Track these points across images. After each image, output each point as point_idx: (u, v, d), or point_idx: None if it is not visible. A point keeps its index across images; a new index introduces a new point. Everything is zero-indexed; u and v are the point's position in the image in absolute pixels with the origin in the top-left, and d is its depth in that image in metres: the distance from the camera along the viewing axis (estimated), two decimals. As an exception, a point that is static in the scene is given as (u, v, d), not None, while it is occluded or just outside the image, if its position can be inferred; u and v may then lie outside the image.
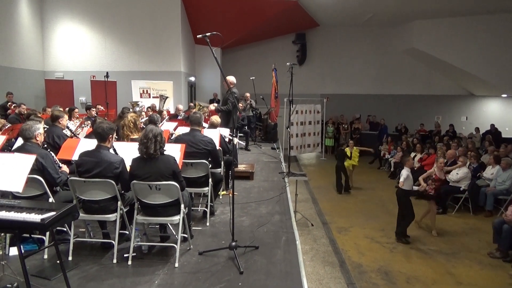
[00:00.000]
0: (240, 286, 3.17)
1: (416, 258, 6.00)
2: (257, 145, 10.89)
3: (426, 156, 10.60)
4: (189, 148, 4.45)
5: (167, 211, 3.58)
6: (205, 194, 4.79)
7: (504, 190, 7.82)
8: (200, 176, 4.54)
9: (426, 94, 17.38)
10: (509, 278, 5.39)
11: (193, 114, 4.96)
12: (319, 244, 6.51)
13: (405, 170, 6.58)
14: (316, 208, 8.61)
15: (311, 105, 13.23)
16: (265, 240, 4.14)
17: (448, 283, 5.22)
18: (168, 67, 13.25)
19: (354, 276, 5.38)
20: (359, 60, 17.40)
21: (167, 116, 8.84)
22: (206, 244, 4.00)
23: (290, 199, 5.81)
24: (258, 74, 13.66)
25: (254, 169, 7.20)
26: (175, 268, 3.45)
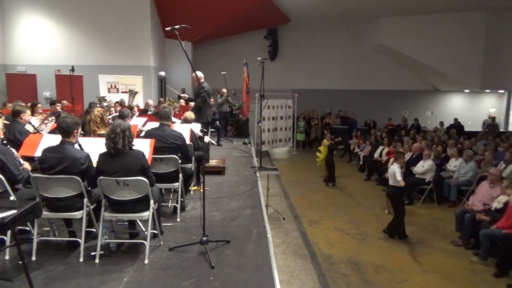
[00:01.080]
0: (211, 280, 3.16)
1: (383, 248, 6.18)
2: (229, 140, 10.86)
3: (394, 149, 10.89)
4: (158, 143, 4.39)
5: (136, 207, 3.51)
6: (176, 190, 4.74)
7: (466, 181, 8.17)
8: (170, 171, 4.49)
9: (394, 89, 17.86)
10: (471, 264, 5.65)
11: (162, 108, 4.89)
12: (291, 237, 6.59)
13: (396, 167, 6.35)
14: (287, 202, 8.70)
15: (282, 100, 13.31)
16: (236, 234, 4.15)
17: (414, 271, 5.41)
18: (137, 61, 12.96)
19: (325, 267, 5.49)
20: (329, 55, 17.64)
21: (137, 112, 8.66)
22: (177, 239, 3.96)
23: (261, 193, 5.83)
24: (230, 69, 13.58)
25: (225, 164, 7.18)
26: (144, 265, 3.40)
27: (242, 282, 3.13)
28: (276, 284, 3.12)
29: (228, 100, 11.47)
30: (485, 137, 12.11)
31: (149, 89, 13.06)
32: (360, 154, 12.49)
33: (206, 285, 3.08)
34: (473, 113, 18.06)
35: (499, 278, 5.19)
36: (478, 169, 8.31)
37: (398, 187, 6.30)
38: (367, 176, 11.10)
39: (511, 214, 5.49)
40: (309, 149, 16.75)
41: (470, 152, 8.56)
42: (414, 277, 5.24)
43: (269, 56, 17.05)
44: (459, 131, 14.27)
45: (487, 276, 5.28)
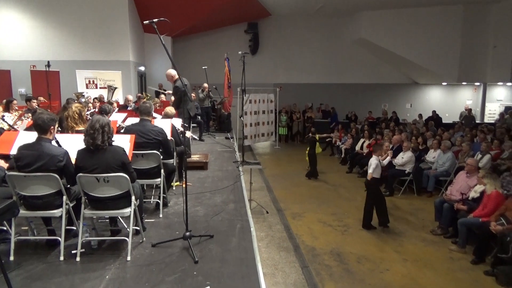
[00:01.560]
0: (195, 275, 3.16)
1: (365, 239, 6.29)
2: (211, 135, 10.82)
3: (374, 141, 11.06)
4: (139, 139, 4.33)
5: (117, 203, 3.47)
6: (158, 186, 4.70)
7: (444, 171, 8.38)
8: (152, 167, 4.45)
9: (374, 82, 18.10)
10: (449, 252, 5.81)
11: (143, 103, 4.82)
12: (274, 231, 6.63)
13: (374, 159, 6.55)
14: (271, 195, 8.74)
15: (264, 95, 13.31)
16: (220, 229, 4.15)
17: (395, 260, 5.53)
18: (116, 56, 12.71)
19: (308, 259, 5.55)
20: (311, 49, 17.72)
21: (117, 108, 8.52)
22: (160, 235, 3.94)
23: (244, 187, 5.84)
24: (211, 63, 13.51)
25: (208, 159, 7.15)
26: (127, 262, 3.36)
27: (226, 276, 3.14)
28: (260, 277, 3.14)
29: (210, 95, 11.41)
30: (462, 128, 12.43)
31: (128, 85, 12.85)
32: (342, 147, 12.63)
33: (190, 280, 3.08)
34: (451, 105, 18.50)
35: (476, 265, 5.35)
36: (456, 160, 8.53)
37: (375, 177, 6.51)
38: (349, 168, 11.25)
39: (487, 203, 5.66)
40: (292, 143, 16.86)
41: (448, 143, 8.78)
42: (395, 266, 5.35)
43: (250, 50, 17.01)
44: (437, 123, 14.58)
45: (465, 264, 5.44)
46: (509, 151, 8.44)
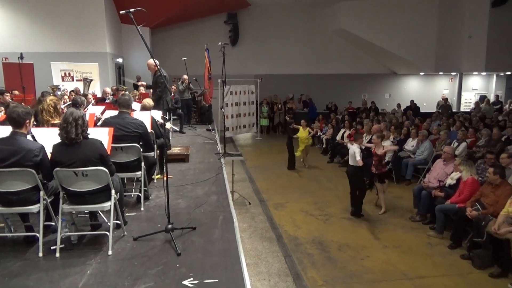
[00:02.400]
0: (178, 267, 3.15)
1: (347, 227, 6.41)
2: (192, 127, 10.74)
3: (354, 131, 11.20)
4: (118, 132, 4.26)
5: (97, 198, 3.41)
6: (138, 179, 4.65)
7: (422, 159, 8.58)
8: (132, 160, 4.39)
9: (354, 73, 18.29)
10: (427, 238, 5.98)
11: (122, 96, 4.74)
12: (257, 221, 6.67)
13: (356, 148, 6.54)
14: (253, 187, 8.77)
15: (245, 86, 13.29)
16: (202, 221, 4.15)
17: (375, 247, 5.66)
18: (92, 48, 12.41)
19: (291, 248, 5.62)
20: (291, 40, 17.72)
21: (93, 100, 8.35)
22: (141, 229, 3.90)
23: (226, 179, 5.84)
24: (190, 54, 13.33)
25: (189, 151, 7.11)
26: (108, 256, 3.33)
27: (209, 267, 3.15)
28: (243, 267, 3.16)
29: (190, 86, 11.30)
30: (439, 117, 12.71)
31: (106, 77, 12.59)
32: (323, 137, 12.75)
33: (172, 272, 3.07)
34: (428, 95, 18.88)
35: (453, 250, 5.53)
36: (433, 148, 8.74)
37: (357, 166, 6.55)
38: (330, 158, 11.38)
39: (463, 189, 5.83)
40: (273, 134, 16.92)
41: (425, 132, 8.99)
42: (375, 253, 5.48)
43: (230, 41, 16.88)
44: (415, 112, 14.87)
45: (442, 248, 5.61)
46: (485, 138, 8.69)
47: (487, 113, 14.15)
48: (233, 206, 4.70)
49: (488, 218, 5.10)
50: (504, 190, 5.24)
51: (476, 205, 5.39)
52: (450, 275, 4.89)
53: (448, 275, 4.90)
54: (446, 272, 4.97)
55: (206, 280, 2.95)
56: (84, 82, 10.24)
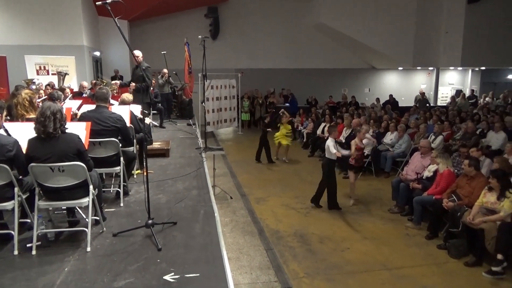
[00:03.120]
0: (159, 262, 3.13)
1: (327, 220, 6.48)
2: (172, 122, 10.64)
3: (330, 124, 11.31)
4: (96, 126, 4.17)
5: (74, 193, 3.34)
6: (118, 174, 4.58)
7: (400, 152, 8.75)
8: (110, 155, 4.31)
9: (334, 67, 18.44)
10: (405, 229, 6.11)
11: (99, 89, 4.63)
12: (238, 216, 6.67)
13: (330, 141, 6.67)
14: (234, 181, 8.76)
15: (226, 80, 13.20)
16: (183, 215, 4.12)
17: (355, 239, 5.75)
18: (68, 41, 12.08)
19: (272, 241, 5.65)
20: (272, 34, 17.70)
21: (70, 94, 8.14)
22: (121, 225, 3.85)
23: (207, 174, 5.81)
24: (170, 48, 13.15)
25: (169, 146, 7.04)
26: (87, 253, 3.27)
27: (191, 262, 3.13)
28: (224, 261, 3.16)
29: (170, 81, 11.16)
30: (417, 111, 12.97)
31: (83, 71, 12.29)
32: (304, 131, 12.82)
33: (153, 267, 3.04)
34: (406, 89, 19.25)
35: (430, 240, 5.67)
36: (412, 141, 8.92)
37: (331, 159, 6.69)
38: (311, 152, 11.47)
39: (439, 181, 5.98)
40: (255, 128, 16.90)
41: (402, 126, 9.16)
42: (355, 245, 5.57)
43: (210, 35, 16.74)
44: (394, 106, 15.13)
45: (420, 239, 5.75)
46: (462, 132, 8.92)
47: (463, 107, 14.54)
48: (215, 200, 4.69)
49: (464, 209, 5.25)
50: (478, 181, 5.40)
51: (452, 197, 5.54)
52: (427, 265, 5.01)
53: (425, 264, 5.02)
54: (423, 262, 5.10)
55: (187, 275, 2.94)
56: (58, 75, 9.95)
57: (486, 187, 5.13)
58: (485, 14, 14.43)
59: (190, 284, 2.82)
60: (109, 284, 2.81)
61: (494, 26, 14.45)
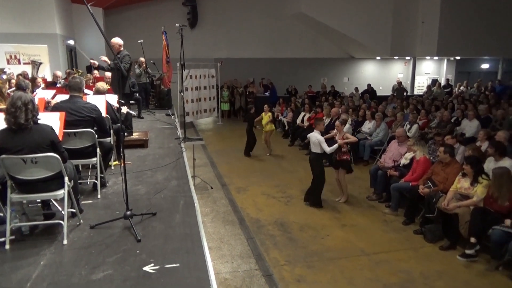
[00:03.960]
0: (138, 253, 3.09)
1: (307, 208, 6.56)
2: (151, 112, 10.47)
3: (314, 115, 11.40)
4: (70, 117, 4.05)
5: (49, 185, 3.25)
6: (94, 165, 4.48)
7: (378, 141, 8.89)
8: (86, 146, 4.21)
9: (313, 57, 18.48)
10: (383, 215, 6.26)
11: (72, 79, 4.49)
12: (219, 205, 6.67)
13: (318, 135, 6.31)
14: (215, 171, 8.74)
15: (205, 70, 13.02)
16: (162, 206, 4.08)
17: (334, 226, 5.84)
18: (40, 29, 11.64)
19: (253, 230, 5.68)
20: (251, 23, 17.55)
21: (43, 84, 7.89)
22: (99, 217, 3.77)
23: (187, 164, 5.76)
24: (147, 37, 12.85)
25: (148, 137, 6.94)
26: (63, 246, 3.20)
27: (171, 252, 3.11)
28: (205, 250, 3.14)
29: (147, 70, 10.95)
30: (394, 100, 13.19)
31: (56, 60, 11.90)
32: (284, 120, 12.86)
33: (132, 259, 3.01)
34: (384, 79, 19.51)
35: (407, 226, 5.82)
36: (389, 130, 9.07)
37: (319, 153, 6.40)
38: (291, 142, 11.53)
39: (415, 168, 6.12)
40: (235, 118, 16.86)
41: (380, 114, 9.31)
42: (335, 232, 5.66)
43: (188, 24, 16.47)
44: (372, 95, 15.32)
45: (397, 225, 5.89)
46: (438, 120, 9.13)
47: (439, 96, 14.87)
48: (195, 190, 4.66)
49: (439, 194, 5.40)
50: (453, 168, 5.56)
51: (428, 183, 5.68)
52: (404, 250, 5.15)
53: (402, 249, 5.16)
54: (400, 247, 5.24)
55: (167, 265, 2.91)
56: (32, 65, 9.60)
57: (460, 173, 5.29)
58: (460, 5, 14.71)
59: (170, 275, 2.81)
60: (87, 277, 2.77)
61: (468, 16, 14.75)
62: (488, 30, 14.85)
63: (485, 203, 4.91)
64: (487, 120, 8.97)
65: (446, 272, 4.59)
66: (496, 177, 4.78)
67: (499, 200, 4.72)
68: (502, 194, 4.70)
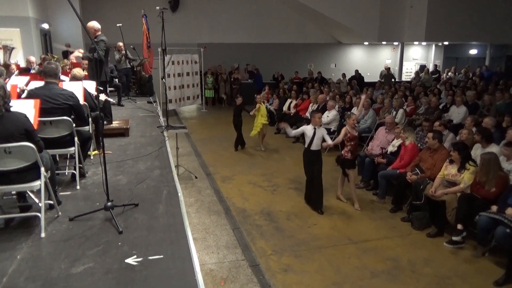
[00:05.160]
0: (120, 245, 3.07)
1: (294, 197, 6.60)
2: (132, 100, 10.32)
3: (301, 101, 11.43)
4: (46, 104, 3.96)
5: (24, 176, 3.19)
6: (72, 155, 4.41)
7: (366, 128, 8.96)
8: (64, 135, 4.14)
9: (300, 42, 18.42)
10: (371, 203, 6.34)
11: (47, 64, 4.38)
12: (204, 195, 6.66)
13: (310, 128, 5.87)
14: (199, 160, 8.70)
15: (187, 55, 12.85)
16: (145, 196, 4.06)
17: (321, 215, 5.89)
18: (11, 11, 11.26)
19: (239, 220, 5.69)
20: (235, 7, 17.35)
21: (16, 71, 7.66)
22: (78, 208, 3.73)
23: (170, 153, 5.73)
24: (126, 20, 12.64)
25: (129, 125, 6.85)
26: (41, 239, 3.16)
27: (154, 243, 3.10)
28: (189, 241, 3.15)
29: (128, 56, 10.76)
30: (382, 86, 13.29)
31: (30, 45, 11.56)
32: (270, 108, 12.83)
33: (114, 251, 2.99)
34: (372, 65, 19.62)
35: (394, 213, 5.92)
36: (377, 117, 9.15)
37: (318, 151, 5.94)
38: (277, 129, 11.53)
39: (403, 155, 6.21)
40: (219, 105, 16.77)
41: (368, 100, 9.35)
42: (322, 221, 5.72)
43: (170, 7, 16.18)
44: (359, 81, 15.40)
45: (385, 213, 5.99)
46: (425, 106, 9.24)
47: (426, 82, 15.05)
48: (178, 180, 4.65)
49: (426, 181, 5.49)
50: (440, 154, 5.65)
51: (416, 170, 5.77)
52: (391, 237, 5.24)
53: (389, 237, 5.25)
54: (388, 234, 5.33)
55: (151, 257, 2.91)
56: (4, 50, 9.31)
57: (448, 159, 5.38)
58: (448, -11, 14.79)
59: (154, 266, 2.80)
60: (66, 271, 2.74)
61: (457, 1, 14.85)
62: (477, 16, 15.00)
63: (472, 189, 5.02)
64: (474, 107, 9.12)
65: (433, 259, 4.69)
66: (484, 162, 4.88)
67: (486, 185, 4.83)
68: (489, 179, 4.81)
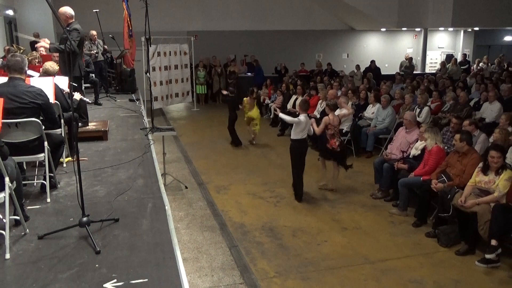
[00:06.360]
0: (98, 267, 3.08)
1: (300, 210, 6.61)
2: (111, 98, 10.36)
3: (308, 98, 11.44)
4: (10, 103, 3.95)
5: (-16, 188, 3.20)
6: (42, 163, 4.43)
7: (384, 128, 8.98)
8: (31, 139, 4.15)
9: (306, 29, 18.48)
10: (390, 216, 6.35)
11: (12, 57, 4.39)
12: (195, 208, 6.67)
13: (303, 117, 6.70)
14: (190, 167, 8.73)
15: (176, 45, 12.93)
16: (126, 210, 4.07)
17: (333, 230, 5.91)
18: (-30, -4, 11.36)
19: (237, 237, 5.70)
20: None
21: (-23, 64, 7.71)
22: (49, 225, 3.74)
23: (156, 159, 5.74)
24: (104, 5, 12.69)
25: (107, 127, 6.89)
26: (5, 261, 3.16)
27: (137, 265, 3.10)
28: (178, 262, 3.15)
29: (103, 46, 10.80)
30: (402, 80, 13.31)
31: (-8, 35, 11.65)
32: (272, 106, 12.87)
33: (91, 274, 2.99)
34: (390, 54, 19.69)
35: (418, 228, 5.92)
36: (396, 115, 9.16)
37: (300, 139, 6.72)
38: (280, 131, 11.55)
39: (427, 159, 6.21)
40: (212, 103, 16.83)
41: (386, 96, 9.36)
42: (333, 237, 5.72)
43: (155, -11, 16.26)
44: (376, 74, 15.42)
45: (406, 227, 5.99)
46: (450, 103, 9.26)
47: (454, 74, 15.08)
48: (165, 191, 4.66)
49: (454, 190, 5.49)
50: (471, 158, 5.64)
51: (442, 177, 5.76)
52: (414, 256, 5.24)
53: (412, 255, 5.25)
54: (410, 252, 5.33)
55: (133, 281, 2.91)
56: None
57: (480, 164, 5.37)
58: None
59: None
60: (35, 298, 2.75)
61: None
62: (512, -4, 15.06)
63: (508, 199, 5.02)
64: (510, 102, 9.14)
65: (464, 280, 4.69)
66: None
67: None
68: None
